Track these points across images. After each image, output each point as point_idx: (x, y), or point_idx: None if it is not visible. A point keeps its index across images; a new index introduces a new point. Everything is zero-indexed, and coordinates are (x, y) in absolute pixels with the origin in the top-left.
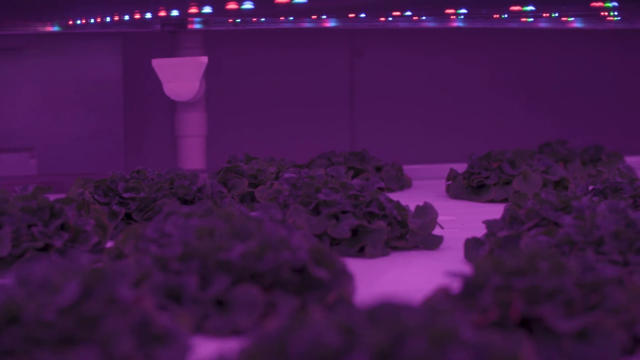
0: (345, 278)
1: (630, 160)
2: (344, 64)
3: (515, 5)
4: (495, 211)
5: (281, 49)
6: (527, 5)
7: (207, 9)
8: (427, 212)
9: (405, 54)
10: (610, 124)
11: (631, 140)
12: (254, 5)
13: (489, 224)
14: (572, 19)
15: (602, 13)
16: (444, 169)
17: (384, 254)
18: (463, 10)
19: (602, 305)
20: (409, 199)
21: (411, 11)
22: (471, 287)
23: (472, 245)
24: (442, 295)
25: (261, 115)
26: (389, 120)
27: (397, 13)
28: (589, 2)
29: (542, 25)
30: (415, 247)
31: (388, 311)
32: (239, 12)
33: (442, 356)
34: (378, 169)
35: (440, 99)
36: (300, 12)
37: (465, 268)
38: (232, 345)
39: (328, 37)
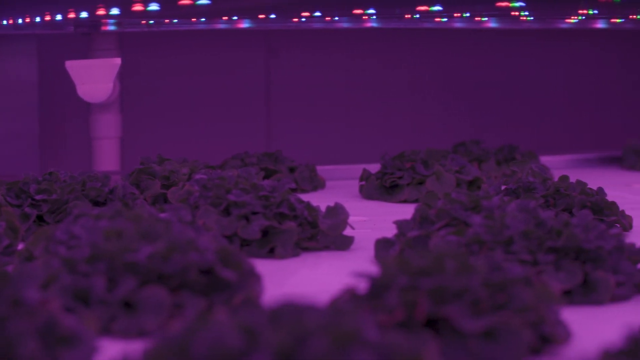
0: (252, 279)
1: (546, 159)
2: (259, 65)
3: (423, 5)
4: (408, 211)
5: (197, 50)
6: (435, 5)
7: (114, 11)
8: (337, 213)
9: (322, 55)
10: (527, 124)
11: (548, 140)
12: (159, 7)
13: (399, 224)
14: (486, 19)
15: (513, 13)
16: (360, 169)
17: (295, 254)
18: (372, 11)
19: (509, 305)
20: (322, 200)
21: (320, 12)
22: (378, 288)
23: (382, 246)
24: (348, 295)
25: (177, 116)
26: (305, 121)
27: (307, 14)
28: (494, 2)
29: (457, 25)
30: (326, 247)
31: (291, 312)
32: (146, 14)
33: (345, 357)
34: (292, 170)
35: (358, 99)
36: (206, 13)
37: (373, 268)
38: (137, 346)
39: (244, 38)
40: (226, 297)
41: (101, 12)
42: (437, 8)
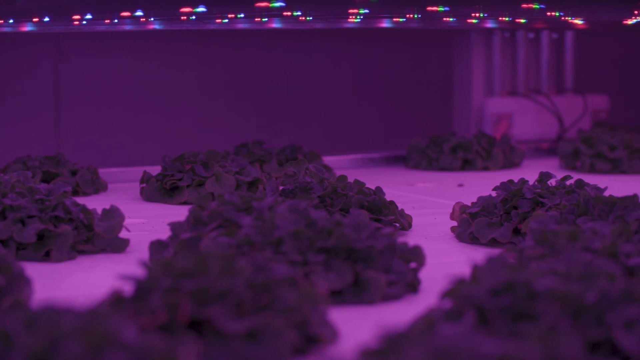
0: (22, 283)
1: (330, 159)
2: (48, 69)
3: (186, 6)
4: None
5: None
6: (198, 6)
7: None
8: (113, 215)
9: (110, 57)
10: (314, 124)
11: (335, 140)
12: None
13: (173, 226)
14: (266, 19)
15: (285, 13)
16: (143, 171)
17: (70, 257)
18: (139, 13)
19: (273, 306)
20: (103, 203)
21: (100, 14)
22: (142, 290)
23: (156, 248)
24: (114, 298)
25: None
26: (93, 124)
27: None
28: (253, 3)
29: (240, 26)
30: (102, 250)
31: (49, 316)
32: None
33: (99, 359)
34: (73, 173)
35: (145, 102)
36: None
37: (139, 271)
38: None
39: (31, 41)
40: None
41: None
42: (200, 9)
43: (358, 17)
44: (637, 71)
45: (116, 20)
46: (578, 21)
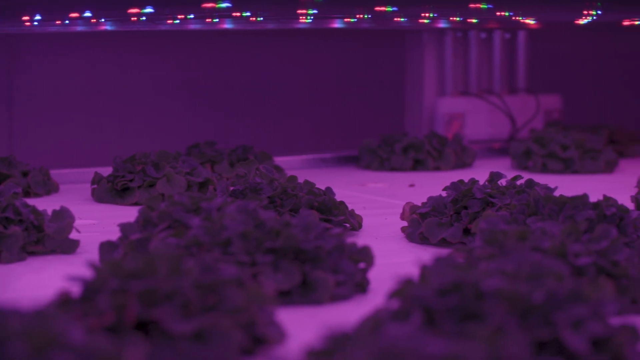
0: None
1: (282, 159)
2: (0, 70)
3: (134, 7)
4: None
5: None
6: (146, 7)
7: None
8: (63, 217)
9: (65, 58)
10: (268, 124)
11: (288, 140)
12: None
13: (123, 227)
14: (217, 20)
15: (234, 14)
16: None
17: (21, 259)
18: (88, 14)
19: (220, 306)
20: (54, 204)
21: (41, 15)
22: (90, 291)
23: (106, 249)
24: (62, 299)
25: None
26: (46, 126)
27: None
28: (200, 3)
29: (192, 27)
30: (53, 251)
31: None
32: None
33: None
34: (25, 174)
35: (100, 103)
36: None
37: (87, 272)
38: None
39: None
40: None
41: None
42: (148, 10)
43: (309, 18)
44: (589, 71)
45: (67, 22)
46: (530, 21)
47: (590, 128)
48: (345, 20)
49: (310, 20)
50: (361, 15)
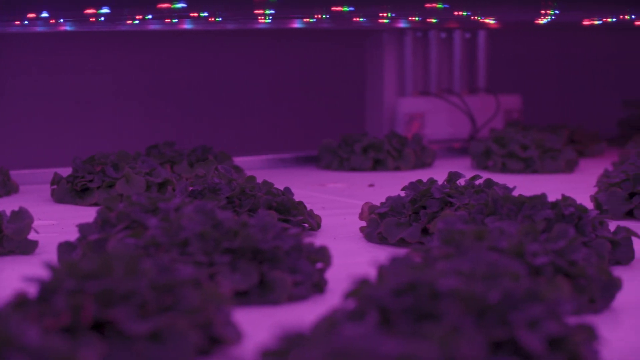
0: None
1: (242, 160)
2: None
3: (91, 8)
4: None
5: None
6: (102, 7)
7: None
8: (22, 217)
9: (25, 59)
10: (228, 124)
11: (248, 140)
12: None
13: (81, 227)
14: (176, 20)
15: (192, 14)
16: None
17: None
18: (45, 14)
19: (177, 307)
20: (14, 204)
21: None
22: (47, 292)
23: (65, 250)
24: (18, 300)
25: None
26: (6, 126)
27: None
28: (155, 4)
29: (152, 27)
30: (11, 252)
31: None
32: None
33: None
34: None
35: (60, 103)
36: None
37: (44, 273)
38: None
39: None
40: None
41: None
42: (104, 10)
43: (268, 18)
44: (549, 71)
45: (27, 22)
46: (490, 21)
47: (551, 128)
48: (305, 20)
49: (270, 21)
50: (320, 16)
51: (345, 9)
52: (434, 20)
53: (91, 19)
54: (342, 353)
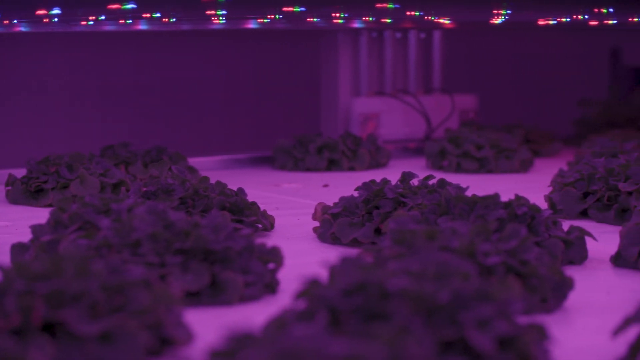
0: None
1: (197, 160)
2: None
3: (43, 9)
4: None
5: None
6: (54, 9)
7: None
8: None
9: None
10: (183, 125)
11: (203, 141)
12: None
13: (34, 228)
14: (131, 21)
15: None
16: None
17: None
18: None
19: (127, 307)
20: None
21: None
22: None
23: (17, 251)
24: None
25: None
26: None
27: None
28: (106, 5)
29: (108, 28)
30: None
31: None
32: None
33: None
34: None
35: (16, 104)
36: None
37: None
38: None
39: None
40: None
41: None
42: (55, 11)
43: (221, 19)
44: (505, 71)
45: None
46: (445, 21)
47: (506, 128)
48: (259, 20)
49: (224, 21)
50: (273, 16)
51: (297, 9)
52: (388, 20)
53: (44, 20)
54: (290, 353)
